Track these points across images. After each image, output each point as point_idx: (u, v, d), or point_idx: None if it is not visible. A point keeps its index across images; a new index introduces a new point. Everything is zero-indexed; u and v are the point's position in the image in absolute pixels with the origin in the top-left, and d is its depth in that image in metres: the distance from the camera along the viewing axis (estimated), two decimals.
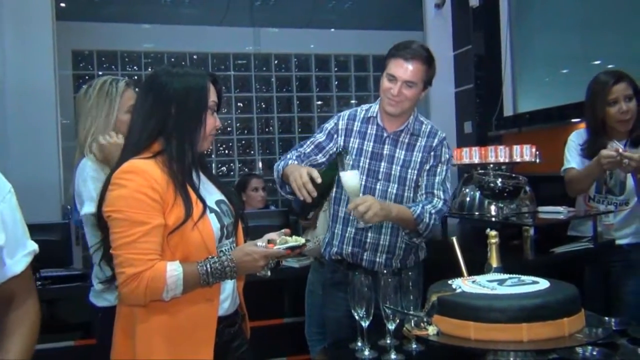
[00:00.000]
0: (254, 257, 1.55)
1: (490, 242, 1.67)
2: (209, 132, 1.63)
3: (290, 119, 5.46)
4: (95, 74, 4.90)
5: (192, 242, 1.53)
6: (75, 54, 4.87)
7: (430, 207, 2.20)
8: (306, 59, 5.50)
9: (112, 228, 1.49)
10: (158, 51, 5.09)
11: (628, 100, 2.58)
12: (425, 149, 2.31)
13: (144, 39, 5.06)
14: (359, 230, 2.31)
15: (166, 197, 1.51)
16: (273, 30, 5.41)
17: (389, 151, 2.31)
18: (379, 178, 2.30)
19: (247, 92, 5.32)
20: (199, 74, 1.62)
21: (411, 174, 2.29)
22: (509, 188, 2.88)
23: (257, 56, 5.32)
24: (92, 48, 4.91)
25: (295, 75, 5.44)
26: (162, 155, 1.57)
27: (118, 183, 1.50)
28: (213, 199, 1.67)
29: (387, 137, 2.32)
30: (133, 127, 1.62)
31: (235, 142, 5.28)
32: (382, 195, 2.28)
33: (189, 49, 5.11)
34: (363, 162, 2.31)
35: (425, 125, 2.35)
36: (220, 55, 5.27)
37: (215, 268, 1.51)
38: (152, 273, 1.46)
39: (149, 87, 1.61)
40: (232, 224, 1.69)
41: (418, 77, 2.19)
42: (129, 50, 5.03)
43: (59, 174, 4.12)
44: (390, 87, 2.21)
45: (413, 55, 2.17)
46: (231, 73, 5.25)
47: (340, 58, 5.55)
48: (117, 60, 4.98)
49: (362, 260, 2.32)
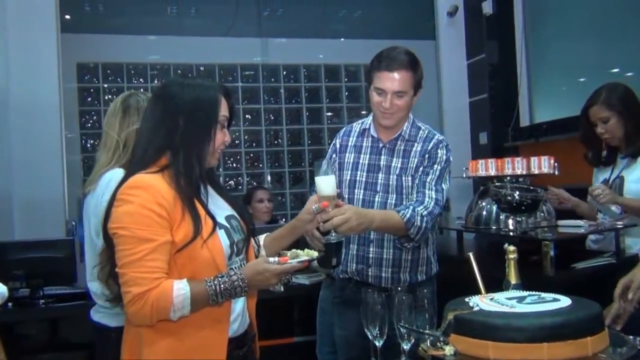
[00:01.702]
0: (265, 275, 1.54)
1: (509, 257, 1.65)
2: (217, 147, 1.63)
3: (299, 131, 5.48)
4: (101, 86, 4.96)
5: (201, 260, 1.53)
6: (80, 67, 4.93)
7: (421, 209, 2.14)
8: (315, 70, 5.53)
9: (118, 245, 1.49)
10: (164, 63, 5.13)
11: (603, 122, 2.71)
12: (421, 154, 2.29)
13: (149, 50, 5.11)
14: (360, 246, 2.31)
15: (173, 214, 1.51)
16: (281, 40, 5.44)
17: (386, 162, 2.31)
18: (377, 190, 2.29)
19: (255, 103, 5.35)
20: (210, 85, 1.62)
21: (407, 181, 2.27)
22: (526, 201, 2.86)
23: (265, 67, 5.35)
24: (97, 60, 4.97)
25: (305, 86, 5.47)
26: (169, 169, 1.57)
27: (124, 199, 1.50)
28: (223, 214, 1.66)
29: (384, 147, 2.33)
30: (140, 140, 1.62)
31: (243, 155, 5.30)
32: (382, 207, 2.27)
33: (196, 60, 5.15)
34: (360, 176, 2.32)
35: (422, 131, 2.34)
36: (228, 67, 5.31)
37: (224, 287, 1.50)
38: (158, 292, 1.45)
39: (158, 97, 1.62)
40: (243, 241, 1.68)
41: (407, 85, 2.20)
42: (135, 62, 5.08)
43: (63, 189, 4.15)
44: (380, 100, 2.22)
45: (398, 65, 2.17)
46: (239, 84, 5.28)
47: (350, 68, 5.57)
48: (122, 73, 5.04)
49: (369, 277, 2.31)
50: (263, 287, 1.59)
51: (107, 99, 4.96)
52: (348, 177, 2.34)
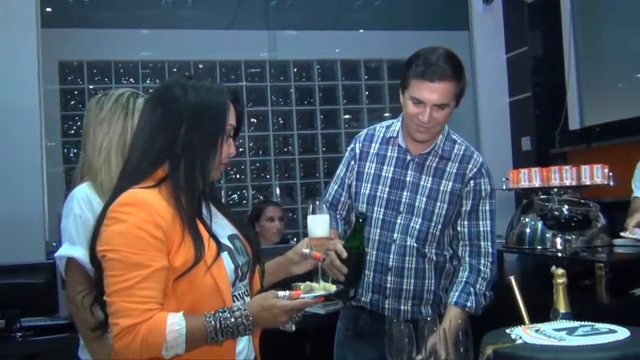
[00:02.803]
0: (273, 312, 1.52)
1: (557, 282, 1.65)
2: (223, 159, 1.64)
3: (312, 136, 5.50)
4: (86, 88, 5.02)
5: (204, 288, 1.53)
6: (62, 66, 4.99)
7: (481, 286, 2.22)
8: (331, 66, 5.56)
9: (107, 270, 1.50)
10: (158, 60, 5.19)
11: None
12: (458, 178, 2.28)
13: (141, 46, 5.18)
14: (377, 274, 2.30)
15: (172, 235, 1.52)
16: (291, 33, 5.49)
17: (412, 178, 2.30)
18: (399, 210, 2.29)
19: (262, 105, 5.39)
20: (218, 89, 1.63)
21: (440, 207, 2.27)
22: (577, 217, 2.85)
23: (272, 64, 5.39)
24: (81, 58, 5.03)
25: (319, 85, 5.50)
26: (167, 184, 1.58)
27: (115, 217, 1.51)
28: (225, 233, 1.67)
29: (411, 160, 2.31)
30: (134, 149, 1.62)
31: (248, 165, 5.33)
32: (403, 230, 2.27)
33: (194, 57, 5.21)
34: (381, 191, 2.32)
35: (458, 147, 2.33)
36: (230, 64, 5.36)
37: (225, 325, 1.49)
38: (150, 326, 1.46)
39: (157, 100, 1.62)
40: (247, 264, 1.69)
41: (449, 97, 2.17)
42: (124, 60, 5.14)
43: (42, 205, 4.18)
44: (417, 112, 2.18)
45: (441, 75, 2.13)
46: (243, 84, 5.32)
47: (370, 64, 5.60)
48: (110, 72, 5.10)
49: (385, 309, 2.31)
50: (270, 326, 1.57)
51: None
52: (367, 191, 2.34)
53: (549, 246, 2.90)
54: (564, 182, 2.93)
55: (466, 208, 2.28)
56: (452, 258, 2.35)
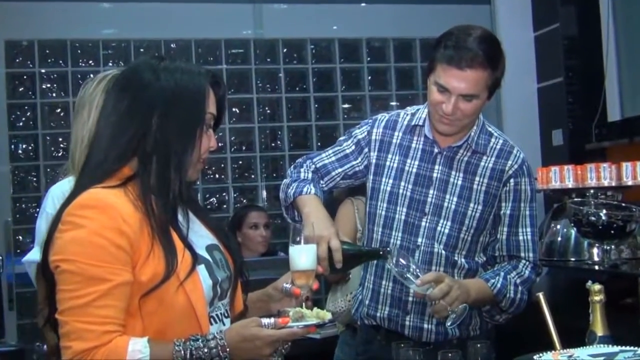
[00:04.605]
0: (255, 343, 1.53)
1: (593, 300, 1.66)
2: (202, 154, 1.64)
3: (305, 128, 5.50)
4: (37, 72, 5.00)
5: (176, 308, 1.54)
6: (9, 46, 4.97)
7: (514, 277, 2.24)
8: (327, 46, 5.56)
9: (60, 284, 1.50)
10: (122, 39, 5.17)
11: None
12: (495, 175, 2.30)
13: (102, 23, 5.15)
14: (397, 284, 2.31)
15: (139, 244, 1.52)
16: (280, 6, 5.48)
17: (440, 174, 2.32)
18: (425, 212, 2.30)
19: (246, 92, 5.38)
20: (195, 71, 1.64)
21: (473, 209, 2.29)
22: (617, 223, 2.86)
23: (258, 43, 5.38)
24: (32, 37, 5.01)
25: (312, 69, 5.49)
26: (135, 183, 1.58)
27: (72, 222, 1.52)
28: (203, 243, 1.67)
29: (439, 153, 2.33)
30: (97, 142, 1.63)
31: (229, 163, 5.32)
32: (429, 235, 2.29)
33: (165, 35, 5.19)
34: (404, 188, 2.33)
35: (495, 140, 2.35)
36: (208, 43, 5.35)
37: (197, 356, 1.49)
38: (108, 351, 1.46)
39: (124, 85, 1.63)
40: (228, 279, 1.70)
41: (479, 87, 2.18)
42: (83, 38, 5.12)
43: None
44: (441, 100, 2.18)
45: (470, 62, 2.13)
46: (223, 67, 5.31)
47: (374, 44, 5.59)
48: (66, 53, 5.07)
49: (405, 327, 2.31)
50: (251, 358, 1.56)
51: (46, 88, 5.00)
52: (388, 188, 2.35)
53: (585, 258, 2.90)
54: (601, 182, 2.94)
55: (504, 210, 2.30)
56: (484, 265, 2.36)
